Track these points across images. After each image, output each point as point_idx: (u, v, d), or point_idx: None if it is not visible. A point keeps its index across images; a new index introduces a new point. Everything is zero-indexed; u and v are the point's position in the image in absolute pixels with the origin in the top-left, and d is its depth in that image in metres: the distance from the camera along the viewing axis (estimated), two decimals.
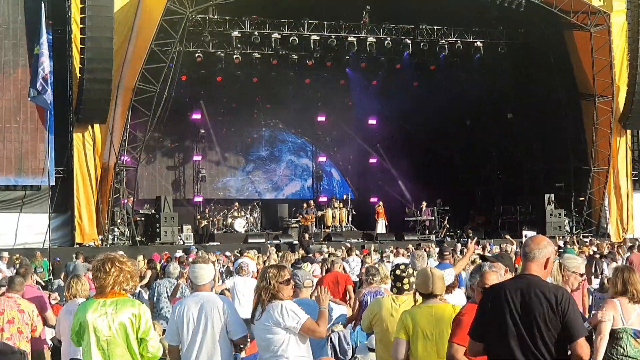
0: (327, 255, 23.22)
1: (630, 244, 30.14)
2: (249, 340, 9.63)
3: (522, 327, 6.33)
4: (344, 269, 17.58)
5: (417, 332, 8.05)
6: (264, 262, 22.28)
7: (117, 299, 7.47)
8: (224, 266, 23.30)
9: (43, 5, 31.44)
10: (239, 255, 24.37)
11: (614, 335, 8.76)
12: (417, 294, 8.42)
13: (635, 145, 40.49)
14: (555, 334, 6.35)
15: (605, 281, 16.19)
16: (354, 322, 12.58)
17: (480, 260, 10.92)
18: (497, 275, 7.57)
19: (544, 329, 6.31)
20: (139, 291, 17.41)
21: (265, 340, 8.50)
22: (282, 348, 8.43)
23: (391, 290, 9.56)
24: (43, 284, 23.19)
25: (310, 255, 24.41)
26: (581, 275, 9.83)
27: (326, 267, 20.44)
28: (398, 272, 9.33)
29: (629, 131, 39.75)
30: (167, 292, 15.70)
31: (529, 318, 6.33)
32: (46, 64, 30.54)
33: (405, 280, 9.17)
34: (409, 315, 8.18)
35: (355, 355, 12.22)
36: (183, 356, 8.67)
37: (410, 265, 9.78)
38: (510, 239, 30.15)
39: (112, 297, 7.48)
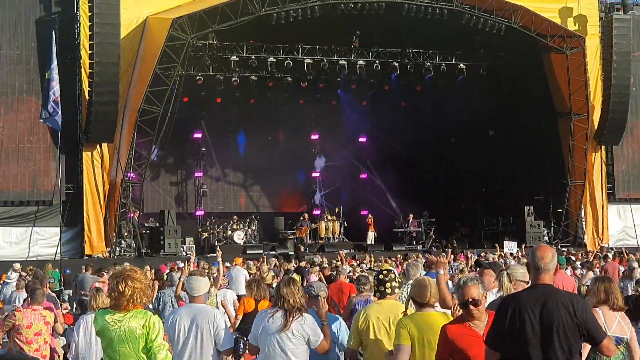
0: (325, 264, 23.06)
1: (605, 253, 30.26)
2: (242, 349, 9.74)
3: (542, 336, 6.29)
4: (350, 279, 17.55)
5: (422, 339, 7.84)
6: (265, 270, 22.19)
7: (131, 312, 7.53)
8: (225, 276, 23.22)
9: (54, 33, 31.62)
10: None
11: None
12: (412, 302, 8.27)
13: (610, 160, 40.48)
14: (573, 340, 6.34)
15: (581, 289, 16.29)
16: None
17: (476, 266, 10.84)
18: (477, 288, 7.34)
19: (563, 337, 6.28)
20: None
21: (284, 346, 8.53)
22: (295, 354, 8.50)
23: (375, 294, 9.48)
24: (54, 294, 23.10)
25: (302, 264, 24.38)
26: (527, 282, 9.95)
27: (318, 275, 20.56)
28: (381, 276, 9.21)
29: (603, 147, 39.85)
30: (171, 301, 15.37)
31: (549, 327, 6.29)
32: (56, 88, 30.60)
33: (388, 285, 9.03)
34: (412, 322, 7.96)
35: None
36: None
37: (392, 271, 9.59)
38: (498, 249, 30.39)
39: (125, 311, 7.54)
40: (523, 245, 34.19)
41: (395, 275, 9.30)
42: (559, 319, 6.30)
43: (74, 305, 22.95)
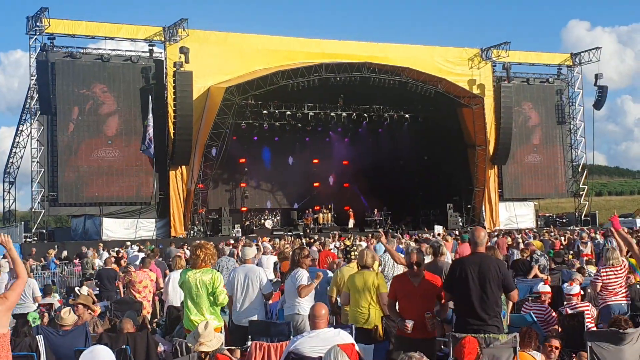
0: (320, 241, 22.83)
1: (497, 233, 30.17)
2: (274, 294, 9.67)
3: (478, 285, 6.24)
4: (337, 247, 17.53)
5: (354, 289, 7.85)
6: (287, 245, 22.08)
7: (203, 269, 7.52)
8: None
9: (150, 96, 32.09)
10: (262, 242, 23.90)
11: None
12: (357, 264, 8.24)
13: (500, 174, 40.62)
14: (498, 287, 6.28)
15: None
16: None
17: (415, 243, 10.82)
18: (416, 254, 6.98)
19: (491, 285, 6.23)
20: None
21: (291, 289, 8.54)
22: (291, 291, 8.53)
23: (344, 260, 9.31)
24: (163, 261, 22.82)
25: (309, 240, 24.26)
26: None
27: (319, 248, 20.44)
28: (348, 248, 9.20)
29: (495, 166, 39.95)
30: (226, 266, 15.18)
31: (483, 279, 6.23)
32: (151, 131, 30.90)
33: (352, 254, 8.93)
34: (350, 278, 8.03)
35: None
36: (235, 302, 8.67)
37: (354, 245, 9.61)
38: (427, 230, 30.17)
39: (199, 269, 7.53)
40: (444, 228, 34.15)
41: (356, 248, 9.15)
42: (490, 274, 6.27)
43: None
